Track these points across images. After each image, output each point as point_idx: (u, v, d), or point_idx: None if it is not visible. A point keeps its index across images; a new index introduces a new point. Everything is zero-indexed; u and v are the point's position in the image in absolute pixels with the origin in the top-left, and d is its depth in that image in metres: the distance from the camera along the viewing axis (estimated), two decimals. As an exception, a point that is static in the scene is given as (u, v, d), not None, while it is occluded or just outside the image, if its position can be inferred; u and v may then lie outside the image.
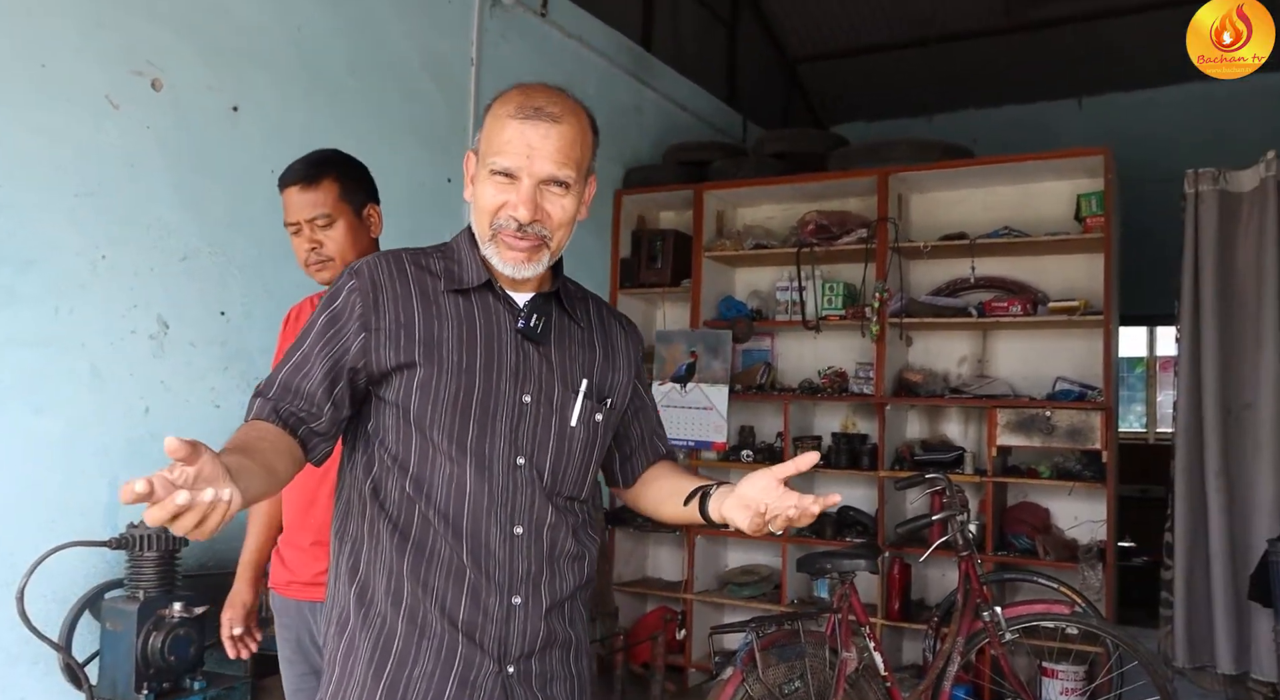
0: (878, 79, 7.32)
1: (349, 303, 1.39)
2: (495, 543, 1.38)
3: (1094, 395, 4.12)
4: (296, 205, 2.06)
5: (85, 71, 2.72)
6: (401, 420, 1.38)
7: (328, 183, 2.08)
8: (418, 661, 1.36)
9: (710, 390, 4.70)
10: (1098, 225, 4.13)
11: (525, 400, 1.42)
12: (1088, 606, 3.61)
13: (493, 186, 1.38)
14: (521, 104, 1.38)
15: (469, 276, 1.43)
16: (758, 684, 2.70)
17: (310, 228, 2.05)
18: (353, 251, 2.06)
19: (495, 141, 1.38)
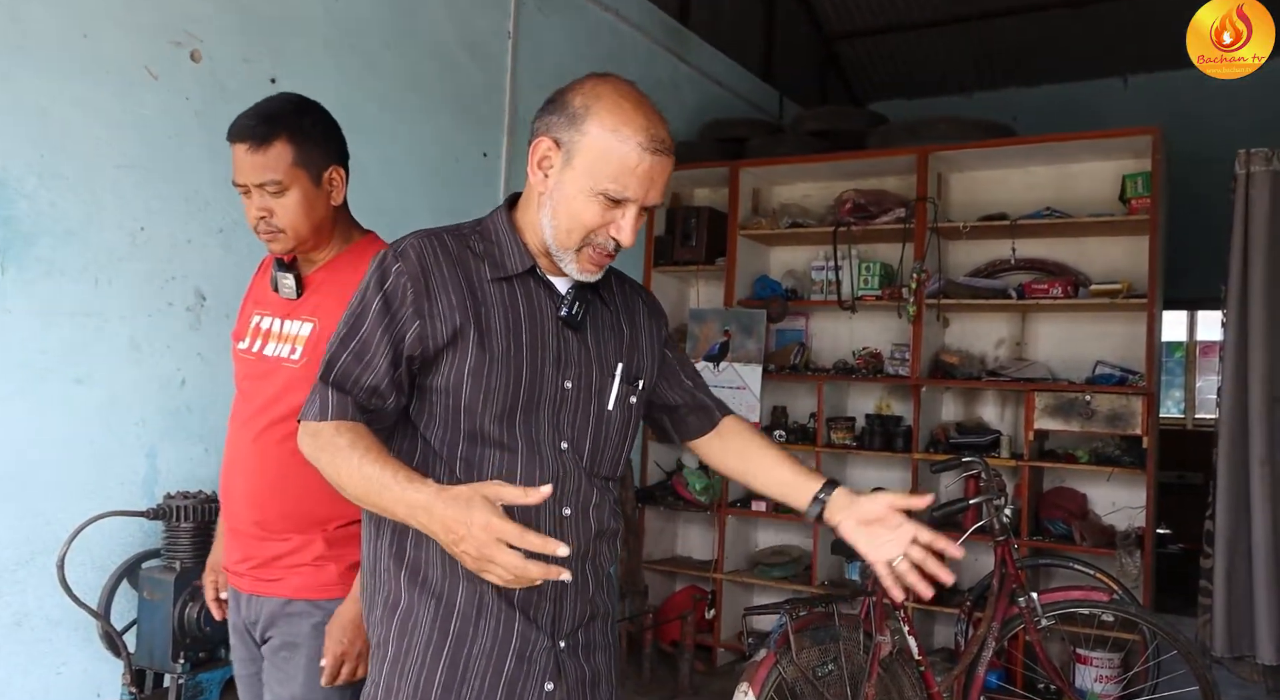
0: (916, 56, 7.20)
1: (399, 286, 1.37)
2: (546, 525, 1.41)
3: (1135, 380, 4.04)
4: (244, 167, 1.79)
5: (125, 42, 2.72)
6: (451, 405, 1.39)
7: (280, 146, 1.79)
8: (476, 639, 1.39)
9: (744, 370, 4.66)
10: (1143, 207, 4.04)
11: (567, 386, 1.44)
12: (1125, 594, 3.56)
13: (599, 206, 1.36)
14: (652, 135, 1.35)
15: (512, 263, 1.43)
16: (791, 666, 2.68)
17: (259, 193, 1.79)
18: (307, 223, 1.81)
19: (617, 166, 1.34)
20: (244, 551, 1.83)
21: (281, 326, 1.85)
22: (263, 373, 1.84)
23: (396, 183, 3.62)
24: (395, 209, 3.61)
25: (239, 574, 1.85)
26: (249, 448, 1.81)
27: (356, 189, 3.67)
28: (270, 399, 1.80)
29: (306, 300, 1.85)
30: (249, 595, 1.84)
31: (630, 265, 4.99)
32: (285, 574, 1.80)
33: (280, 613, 1.80)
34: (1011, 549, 3.23)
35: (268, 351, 1.84)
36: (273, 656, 1.81)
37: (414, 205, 3.69)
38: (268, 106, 1.83)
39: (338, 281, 1.82)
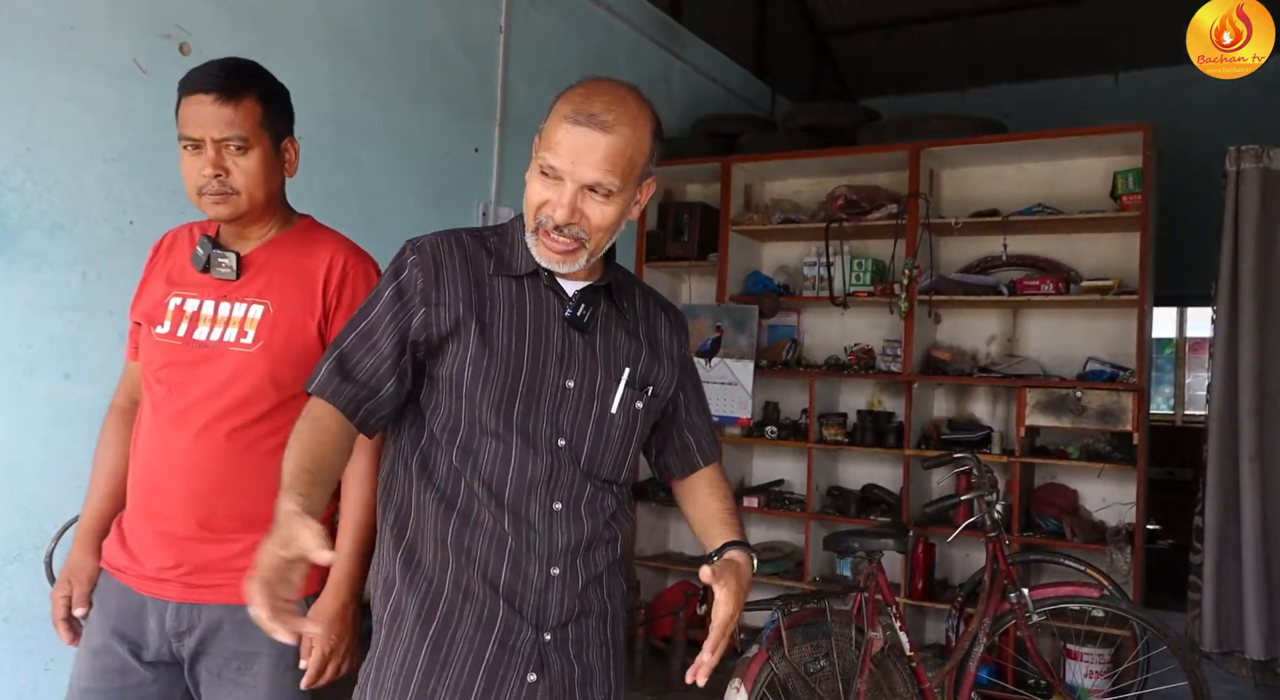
0: (909, 52, 7.20)
1: (412, 277, 1.43)
2: (536, 516, 1.44)
3: (1126, 376, 4.06)
4: (208, 119, 1.65)
5: (114, 35, 2.70)
6: (453, 394, 1.44)
7: (250, 102, 1.68)
8: (460, 624, 1.43)
9: (735, 365, 4.66)
10: (1134, 203, 4.05)
11: (569, 385, 1.47)
12: (1115, 589, 3.58)
13: (539, 182, 1.40)
14: (578, 107, 1.37)
15: (519, 263, 1.47)
16: (783, 662, 2.69)
17: (218, 149, 1.66)
18: (262, 189, 1.71)
19: (549, 139, 1.39)
20: (177, 556, 1.67)
21: (217, 310, 1.71)
22: (195, 360, 1.69)
23: (388, 176, 3.60)
24: (387, 202, 3.59)
25: (163, 580, 1.68)
26: (189, 444, 1.67)
27: (349, 183, 3.66)
28: (214, 389, 1.68)
29: (250, 281, 1.73)
30: (178, 603, 1.67)
31: (622, 260, 4.97)
32: (236, 577, 1.59)
33: (227, 620, 1.66)
34: (1003, 545, 3.24)
35: (200, 336, 1.70)
36: (218, 670, 1.68)
37: (405, 199, 3.67)
38: (234, 62, 1.72)
39: (288, 265, 1.74)
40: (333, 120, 3.38)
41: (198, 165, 1.67)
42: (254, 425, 1.68)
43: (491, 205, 4.09)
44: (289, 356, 1.70)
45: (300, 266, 1.75)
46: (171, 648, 1.69)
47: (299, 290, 1.73)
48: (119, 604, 1.71)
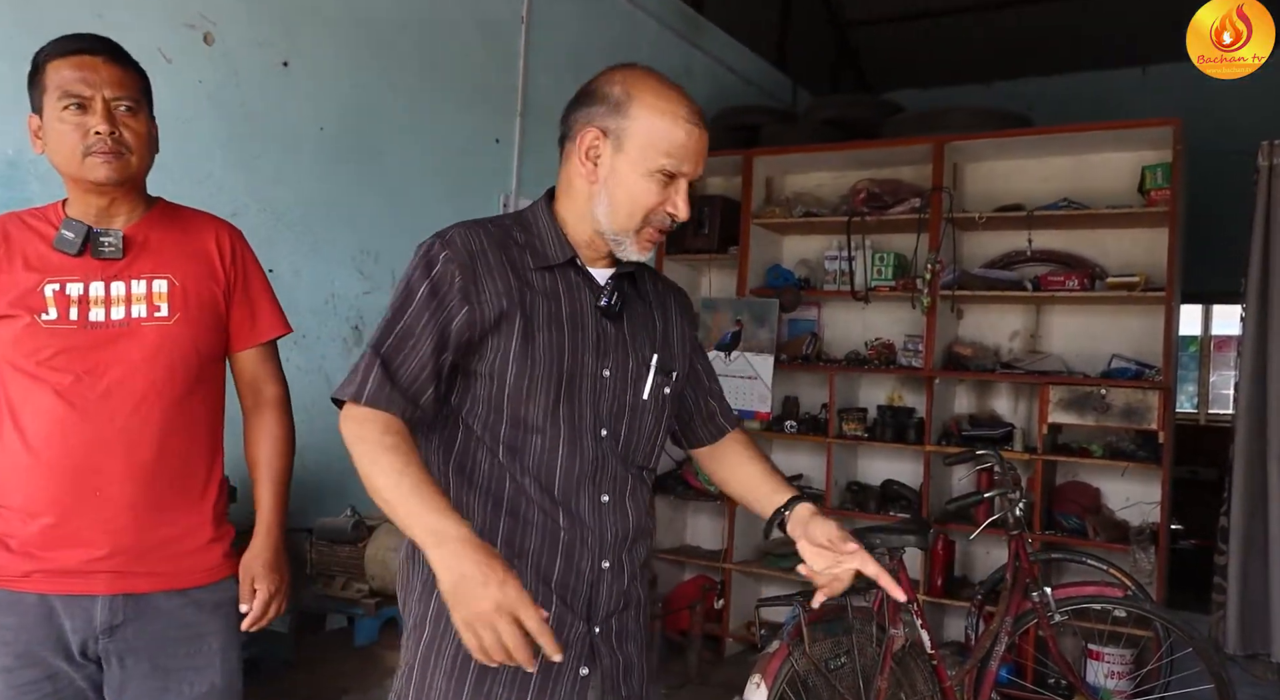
0: (933, 44, 7.13)
1: (448, 273, 1.39)
2: (586, 510, 1.45)
3: (1152, 374, 4.01)
4: (100, 77, 1.62)
5: (140, 24, 2.70)
6: (495, 391, 1.42)
7: (135, 70, 1.70)
8: None
9: (755, 359, 4.64)
10: (1163, 199, 3.99)
11: (605, 374, 1.47)
12: (1138, 590, 3.53)
13: (656, 185, 1.42)
14: (693, 110, 1.43)
15: (553, 253, 1.47)
16: (803, 658, 2.67)
17: (107, 108, 1.62)
18: (147, 156, 1.71)
19: (667, 142, 1.40)
20: (112, 543, 1.63)
21: (109, 290, 1.67)
22: (99, 341, 1.65)
23: (409, 167, 3.59)
24: (407, 193, 3.59)
25: (89, 573, 1.63)
26: (126, 422, 1.64)
27: (370, 174, 3.65)
28: (139, 365, 1.66)
29: (138, 259, 1.70)
30: (109, 597, 1.64)
31: (642, 253, 4.96)
32: (175, 560, 1.69)
33: (165, 606, 1.67)
34: (1025, 543, 3.20)
35: (96, 317, 1.65)
36: (157, 659, 1.67)
37: (426, 190, 3.66)
38: (101, 37, 1.70)
39: (174, 241, 1.74)
40: (354, 111, 3.38)
41: (86, 123, 1.62)
42: (187, 396, 1.73)
43: (512, 196, 4.08)
44: (205, 324, 1.75)
45: (187, 242, 1.78)
46: (92, 647, 1.64)
47: (197, 263, 1.77)
48: (17, 620, 1.62)
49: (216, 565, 1.76)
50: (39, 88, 1.65)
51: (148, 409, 1.66)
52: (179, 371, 1.71)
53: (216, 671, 1.72)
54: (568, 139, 1.47)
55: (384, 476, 1.30)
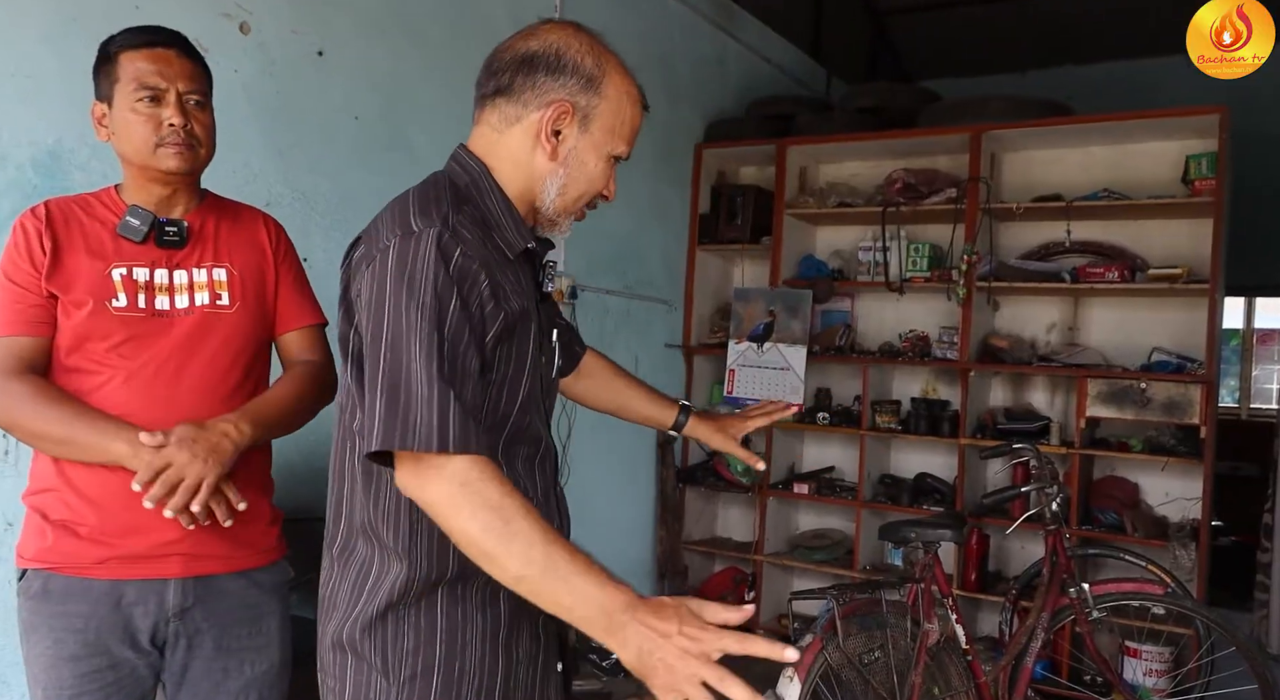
0: (969, 32, 7.03)
1: (470, 275, 1.21)
2: (553, 506, 1.42)
3: (1194, 367, 3.93)
4: (174, 71, 1.68)
5: (176, 13, 2.70)
6: (506, 402, 1.30)
7: (203, 66, 1.77)
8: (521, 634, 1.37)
9: (788, 350, 4.61)
10: (1207, 189, 3.91)
11: (543, 361, 1.41)
12: (1178, 587, 3.48)
13: (607, 167, 1.38)
14: (641, 90, 1.39)
15: (516, 240, 1.33)
16: (837, 652, 2.65)
17: (180, 102, 1.68)
18: (213, 149, 1.78)
19: (629, 127, 1.37)
20: (183, 529, 1.63)
21: (172, 277, 1.72)
22: (162, 328, 1.68)
23: (442, 157, 3.55)
24: (441, 184, 3.59)
25: (163, 557, 1.65)
26: (196, 407, 1.66)
27: (402, 164, 3.65)
28: (204, 353, 1.71)
29: (197, 248, 1.76)
30: (181, 579, 1.67)
31: (674, 242, 4.95)
32: (240, 542, 1.72)
33: (231, 588, 1.71)
34: (1063, 538, 3.16)
35: (161, 305, 1.69)
36: (222, 641, 1.71)
37: (459, 180, 3.66)
38: (174, 31, 1.77)
39: (229, 231, 1.81)
40: (389, 101, 3.38)
41: (160, 115, 1.67)
42: (245, 382, 1.77)
43: (545, 186, 4.07)
44: (260, 315, 1.81)
45: (240, 232, 1.83)
46: (161, 631, 1.67)
47: (251, 253, 1.83)
48: (89, 608, 1.62)
49: (273, 546, 1.82)
50: (109, 77, 1.70)
51: (214, 395, 1.70)
52: (240, 358, 1.76)
53: (275, 651, 1.78)
54: (517, 102, 1.32)
55: (525, 553, 1.11)
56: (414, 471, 1.15)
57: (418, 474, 1.14)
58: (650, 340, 4.75)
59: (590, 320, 4.32)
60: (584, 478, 4.19)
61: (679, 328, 4.99)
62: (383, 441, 1.13)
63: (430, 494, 1.14)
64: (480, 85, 1.38)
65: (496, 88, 1.34)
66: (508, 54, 1.34)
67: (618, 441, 4.51)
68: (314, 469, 3.22)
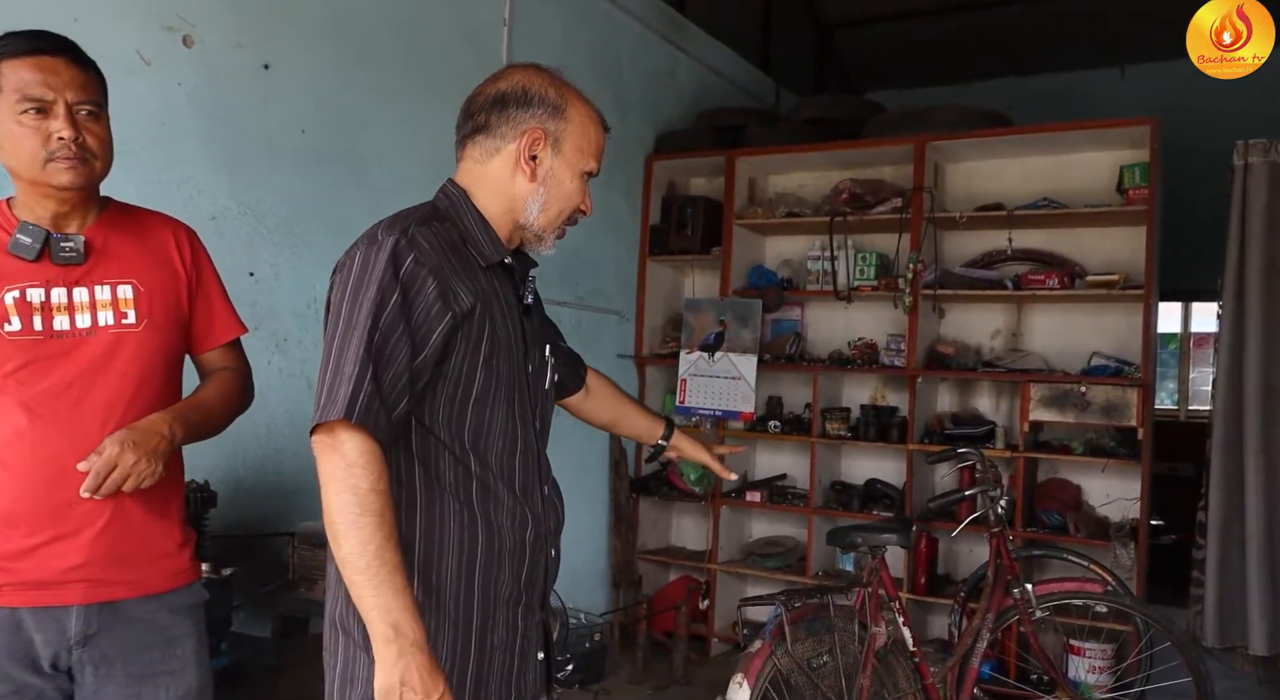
0: (914, 45, 7.17)
1: (418, 276, 1.36)
2: (538, 504, 1.50)
3: (1131, 371, 4.04)
4: (62, 80, 1.57)
5: (117, 26, 2.69)
6: (462, 395, 1.42)
7: (96, 72, 1.64)
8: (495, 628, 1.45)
9: (739, 360, 4.65)
10: (1141, 198, 4.03)
11: (530, 371, 1.53)
12: (1118, 585, 3.56)
13: (581, 184, 1.54)
14: (600, 113, 1.56)
15: (491, 252, 1.48)
16: (786, 657, 2.68)
17: (70, 112, 1.57)
18: (109, 161, 1.66)
19: (594, 145, 1.54)
20: (87, 553, 1.59)
21: (71, 296, 1.62)
22: (64, 350, 1.61)
23: (391, 170, 3.59)
24: (390, 196, 3.57)
25: (63, 583, 1.59)
26: (95, 435, 1.59)
27: (351, 176, 3.65)
28: (109, 375, 1.63)
29: (99, 263, 1.66)
30: (83, 606, 1.61)
31: (625, 254, 4.98)
32: (148, 566, 1.67)
33: (139, 613, 1.65)
34: (1007, 540, 3.23)
35: (60, 326, 1.61)
36: (131, 668, 1.65)
37: (409, 193, 3.63)
38: (59, 35, 1.63)
39: (133, 243, 1.71)
40: (336, 113, 3.37)
41: (48, 128, 1.56)
42: (155, 403, 1.68)
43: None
44: (171, 329, 1.73)
45: (146, 245, 1.74)
46: (64, 658, 1.61)
47: (158, 266, 1.74)
48: (19, 624, 1.58)
49: (186, 568, 1.75)
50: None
51: (119, 418, 1.63)
52: (150, 378, 1.69)
53: (192, 675, 1.72)
54: (495, 136, 1.50)
55: (360, 544, 1.26)
56: (322, 440, 1.31)
57: (325, 445, 1.31)
58: (602, 351, 4.77)
59: (542, 331, 4.33)
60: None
61: (631, 338, 5.02)
62: (318, 417, 1.31)
63: (323, 464, 1.31)
64: (459, 128, 1.56)
65: (475, 127, 1.52)
66: (480, 98, 1.53)
67: (570, 452, 4.52)
68: (266, 484, 3.20)
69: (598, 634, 4.17)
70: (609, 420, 1.97)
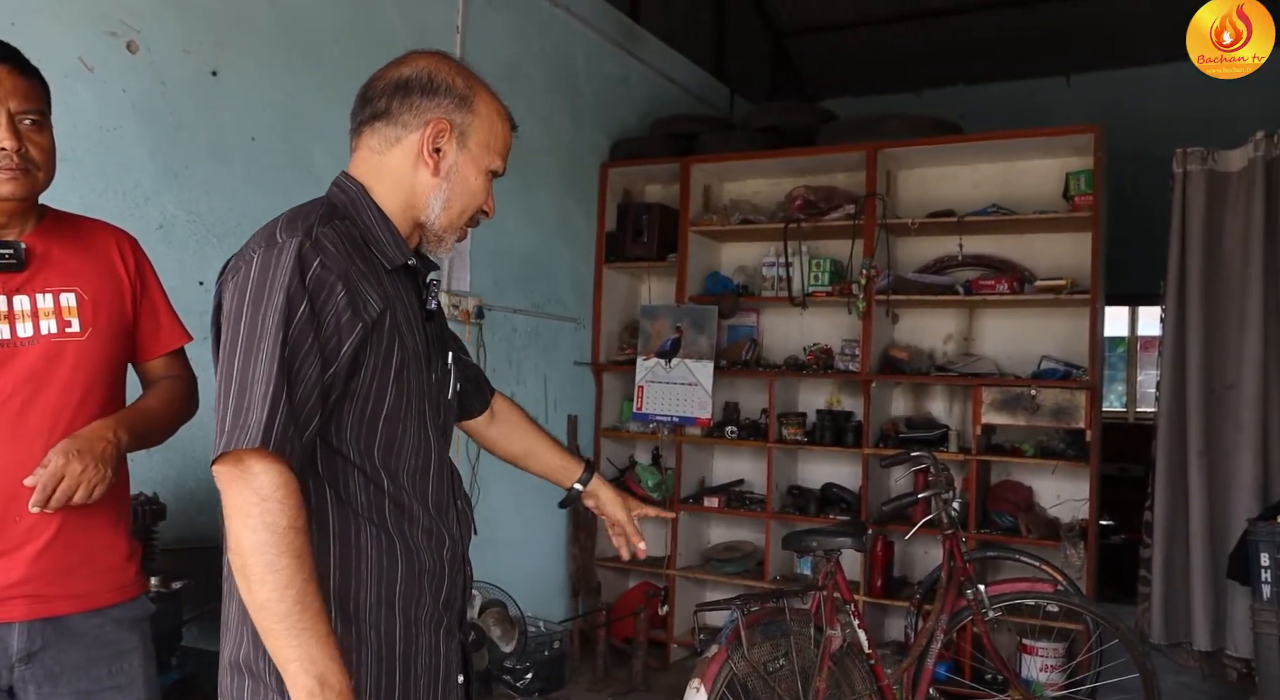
0: (866, 53, 7.27)
1: (326, 284, 1.24)
2: (452, 522, 1.42)
3: (1079, 374, 4.12)
4: (4, 89, 1.55)
5: (58, 32, 2.64)
6: (371, 411, 1.31)
7: (39, 82, 1.62)
8: (419, 655, 1.37)
9: (695, 366, 4.67)
10: (1086, 204, 4.12)
11: (434, 379, 1.42)
12: (1069, 585, 3.63)
13: (486, 182, 1.43)
14: (507, 110, 1.45)
15: (395, 253, 1.36)
16: (742, 661, 2.69)
17: (12, 122, 1.55)
18: (52, 170, 1.64)
19: (501, 142, 1.44)
20: (28, 568, 1.56)
21: (12, 303, 1.59)
22: (8, 361, 1.58)
23: (343, 178, 3.55)
24: (342, 204, 3.55)
25: (4, 600, 1.55)
26: (45, 444, 1.56)
27: (302, 184, 3.60)
28: (54, 384, 1.60)
29: (41, 271, 1.63)
30: (27, 622, 1.57)
31: (581, 261, 4.98)
32: (94, 579, 1.64)
33: (84, 627, 1.62)
34: (960, 542, 3.28)
35: (2, 335, 1.58)
36: (77, 683, 1.61)
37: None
38: (2, 43, 1.61)
39: (75, 251, 1.68)
40: (286, 121, 3.34)
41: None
42: (99, 413, 1.65)
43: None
44: (115, 337, 1.70)
45: (90, 252, 1.72)
46: (9, 676, 1.58)
47: (101, 274, 1.71)
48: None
49: (133, 582, 1.72)
50: None
51: (64, 428, 1.59)
52: (95, 389, 1.66)
53: (140, 689, 1.68)
54: (396, 124, 1.37)
55: (278, 589, 1.14)
56: (231, 471, 1.18)
57: (233, 476, 1.18)
58: (559, 358, 4.76)
59: (498, 339, 4.31)
60: (496, 497, 4.17)
61: (588, 345, 5.01)
62: (224, 445, 1.17)
63: (231, 496, 1.18)
64: (356, 113, 1.44)
65: (374, 113, 1.40)
66: (381, 82, 1.41)
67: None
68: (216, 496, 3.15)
69: (557, 641, 4.15)
70: (518, 452, 1.80)
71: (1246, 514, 3.61)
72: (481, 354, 4.13)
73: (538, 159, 4.53)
